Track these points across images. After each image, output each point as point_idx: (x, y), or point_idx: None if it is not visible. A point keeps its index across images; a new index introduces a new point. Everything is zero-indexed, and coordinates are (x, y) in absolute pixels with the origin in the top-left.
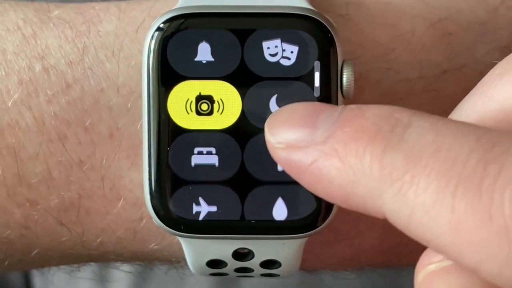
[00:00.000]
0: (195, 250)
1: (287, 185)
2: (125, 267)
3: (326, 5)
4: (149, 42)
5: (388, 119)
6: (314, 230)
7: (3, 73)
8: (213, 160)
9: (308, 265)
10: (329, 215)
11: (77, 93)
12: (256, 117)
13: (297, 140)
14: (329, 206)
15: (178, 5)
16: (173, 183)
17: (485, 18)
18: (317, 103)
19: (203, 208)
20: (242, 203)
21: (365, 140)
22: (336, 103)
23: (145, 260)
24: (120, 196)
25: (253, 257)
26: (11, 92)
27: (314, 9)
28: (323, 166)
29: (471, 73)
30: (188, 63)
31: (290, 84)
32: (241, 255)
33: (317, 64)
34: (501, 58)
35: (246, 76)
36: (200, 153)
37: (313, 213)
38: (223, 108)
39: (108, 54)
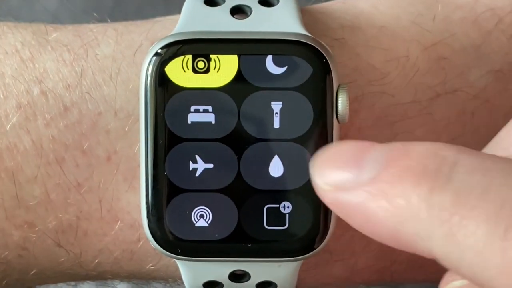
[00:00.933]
0: (192, 272)
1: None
2: (122, 285)
3: (322, 29)
4: (146, 67)
5: (433, 157)
6: (310, 253)
7: (1, 96)
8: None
9: (303, 284)
10: (325, 238)
11: (75, 116)
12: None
13: (344, 181)
14: (325, 228)
15: (175, 30)
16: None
17: (479, 42)
18: (361, 142)
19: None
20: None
21: (412, 181)
22: (331, 128)
23: (142, 279)
24: (117, 218)
25: (249, 278)
26: (10, 116)
27: (310, 35)
28: (370, 208)
29: (464, 96)
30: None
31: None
32: (237, 276)
33: (313, 89)
34: (494, 82)
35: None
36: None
37: (310, 235)
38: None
39: (106, 77)
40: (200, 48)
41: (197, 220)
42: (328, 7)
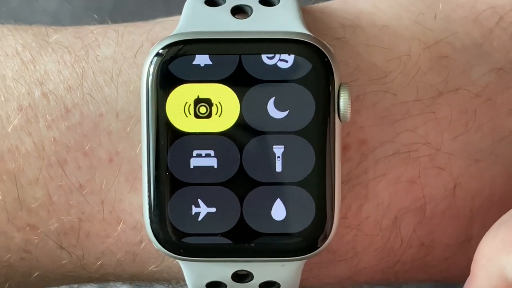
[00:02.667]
0: (195, 273)
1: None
2: (125, 287)
3: (323, 28)
4: (148, 67)
5: None
6: (313, 252)
7: (3, 99)
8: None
9: (306, 284)
10: (328, 237)
11: (77, 118)
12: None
13: None
14: (329, 227)
15: (176, 31)
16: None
17: (481, 40)
18: None
19: None
20: (241, 204)
21: None
22: (334, 127)
23: (145, 281)
24: (119, 219)
25: (252, 278)
26: (11, 118)
27: (311, 34)
28: None
29: (467, 95)
30: None
31: (288, 86)
32: (240, 276)
33: (314, 89)
34: (497, 80)
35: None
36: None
37: (313, 234)
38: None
39: (107, 79)
40: (201, 48)
41: (199, 220)
42: (328, 7)
